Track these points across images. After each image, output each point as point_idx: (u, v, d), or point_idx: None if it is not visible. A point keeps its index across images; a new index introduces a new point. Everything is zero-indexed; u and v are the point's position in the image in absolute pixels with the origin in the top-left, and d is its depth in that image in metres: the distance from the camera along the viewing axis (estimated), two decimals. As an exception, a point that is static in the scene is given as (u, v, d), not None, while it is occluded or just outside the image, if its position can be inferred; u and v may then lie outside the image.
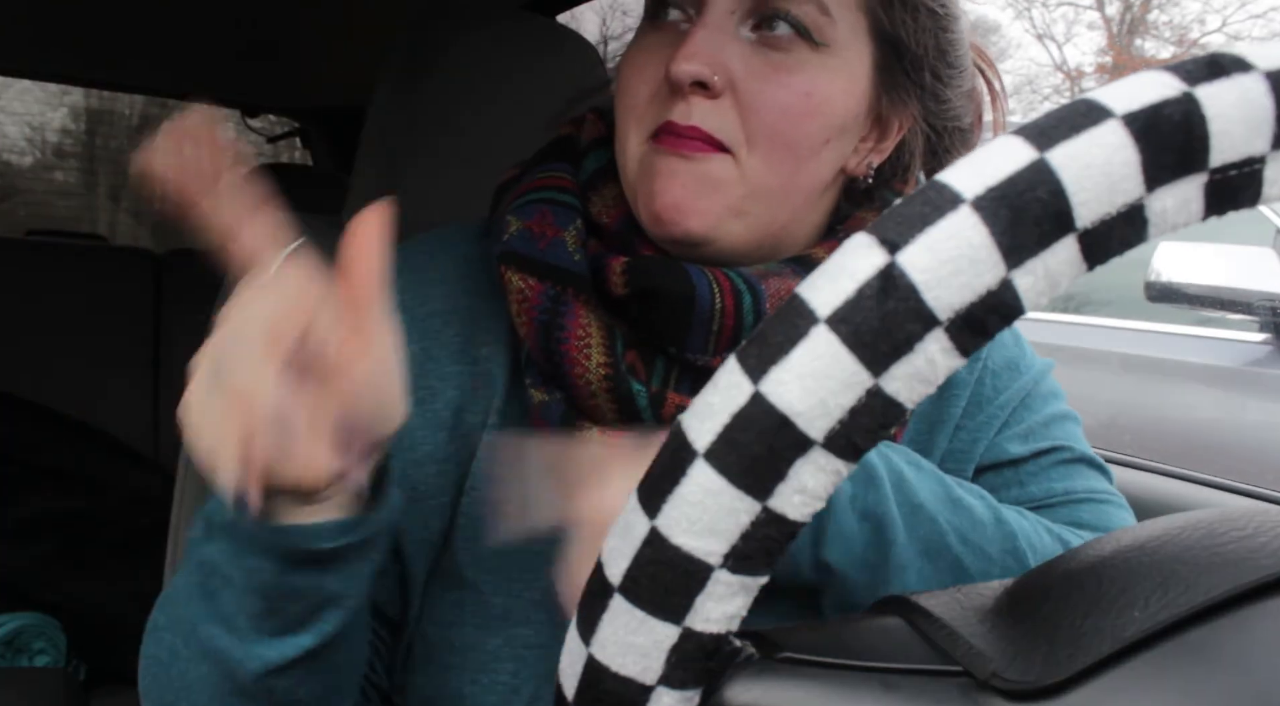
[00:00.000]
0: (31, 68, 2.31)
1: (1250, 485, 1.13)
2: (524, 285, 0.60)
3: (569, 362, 0.59)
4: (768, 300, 0.60)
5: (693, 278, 0.59)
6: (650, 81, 0.59)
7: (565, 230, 0.61)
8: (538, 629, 0.61)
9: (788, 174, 0.60)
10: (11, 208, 4.54)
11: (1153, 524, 0.36)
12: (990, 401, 0.71)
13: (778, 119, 0.58)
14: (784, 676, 0.32)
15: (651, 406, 0.59)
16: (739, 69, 0.58)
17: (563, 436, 0.60)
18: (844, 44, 0.59)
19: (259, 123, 2.58)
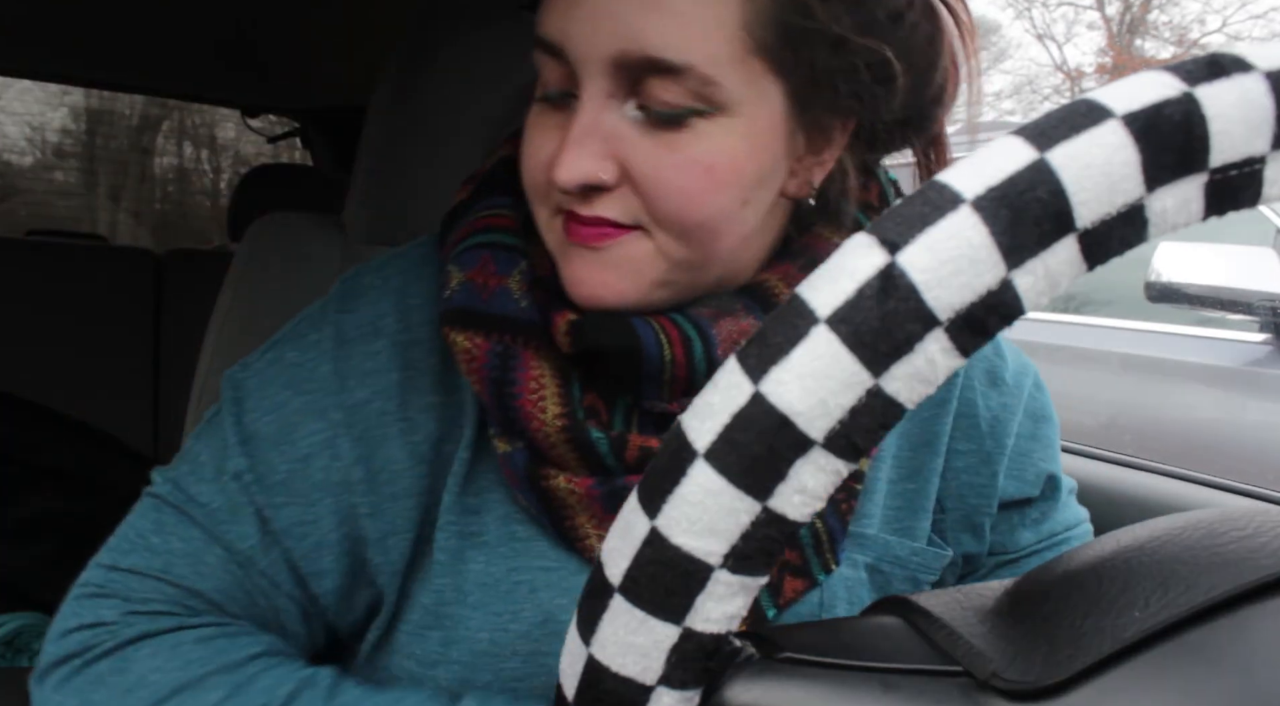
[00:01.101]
0: (31, 68, 2.31)
1: (1250, 485, 1.13)
2: (470, 345, 0.58)
3: (525, 417, 0.57)
4: (719, 346, 0.58)
5: (639, 332, 0.57)
6: (543, 166, 0.56)
7: (509, 277, 0.59)
8: (525, 661, 0.60)
9: (705, 244, 0.57)
10: (11, 208, 4.54)
11: (1153, 524, 0.36)
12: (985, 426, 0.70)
13: (682, 203, 0.54)
14: (784, 676, 0.32)
15: (613, 451, 0.58)
16: (631, 154, 0.54)
17: (528, 484, 0.59)
18: (741, 99, 0.54)
19: (259, 123, 2.58)
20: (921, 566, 0.67)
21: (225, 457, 0.61)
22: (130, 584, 0.59)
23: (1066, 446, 1.30)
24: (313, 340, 0.63)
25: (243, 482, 0.60)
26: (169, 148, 5.12)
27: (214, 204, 4.95)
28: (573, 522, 0.59)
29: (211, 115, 4.90)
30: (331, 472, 0.60)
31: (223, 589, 0.60)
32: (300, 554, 0.60)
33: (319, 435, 0.60)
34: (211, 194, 5.11)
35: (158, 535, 0.60)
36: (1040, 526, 0.72)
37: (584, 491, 0.58)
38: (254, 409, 0.62)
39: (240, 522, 0.60)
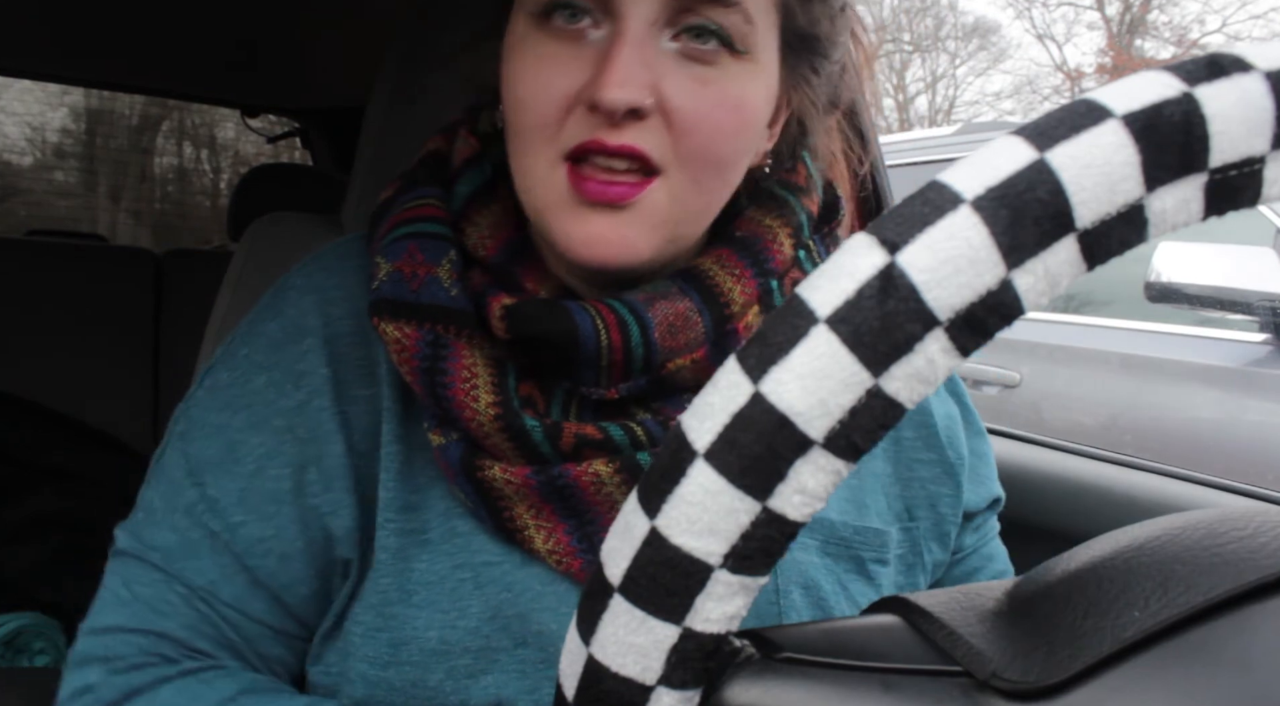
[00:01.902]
0: (31, 68, 2.31)
1: (1250, 485, 1.13)
2: (400, 334, 0.57)
3: (458, 407, 0.57)
4: (655, 329, 0.57)
5: (575, 318, 0.56)
6: (558, 97, 0.54)
7: (438, 265, 0.58)
8: (476, 657, 0.59)
9: (714, 189, 0.58)
10: (11, 208, 4.54)
11: (1153, 524, 0.36)
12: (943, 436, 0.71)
13: (711, 138, 0.55)
14: (784, 676, 0.32)
15: (548, 439, 0.57)
16: (667, 85, 0.54)
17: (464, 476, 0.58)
18: (761, 47, 0.56)
19: (259, 123, 2.58)
20: (864, 544, 0.67)
21: (174, 495, 0.61)
22: (108, 643, 0.59)
23: (1067, 446, 1.30)
24: (243, 355, 0.63)
25: (194, 514, 0.60)
26: (169, 148, 5.12)
27: (214, 204, 4.95)
28: (510, 514, 0.59)
29: (211, 115, 4.90)
30: (283, 480, 0.60)
31: (190, 626, 0.60)
32: (267, 572, 0.60)
33: (264, 446, 0.60)
34: (211, 194, 5.11)
35: (125, 588, 0.61)
36: (979, 530, 0.76)
37: (520, 481, 0.58)
38: (196, 438, 0.62)
39: (197, 557, 0.60)
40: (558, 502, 0.58)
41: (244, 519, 0.60)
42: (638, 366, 0.58)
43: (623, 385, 0.59)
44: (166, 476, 0.62)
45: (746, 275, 0.61)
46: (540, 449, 0.57)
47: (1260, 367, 2.58)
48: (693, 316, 0.58)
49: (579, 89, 0.54)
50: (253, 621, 0.60)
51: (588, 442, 0.58)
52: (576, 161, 0.55)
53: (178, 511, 0.61)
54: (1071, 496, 1.20)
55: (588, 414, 0.60)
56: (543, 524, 0.59)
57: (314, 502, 0.60)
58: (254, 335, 0.63)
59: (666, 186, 0.55)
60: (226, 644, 0.60)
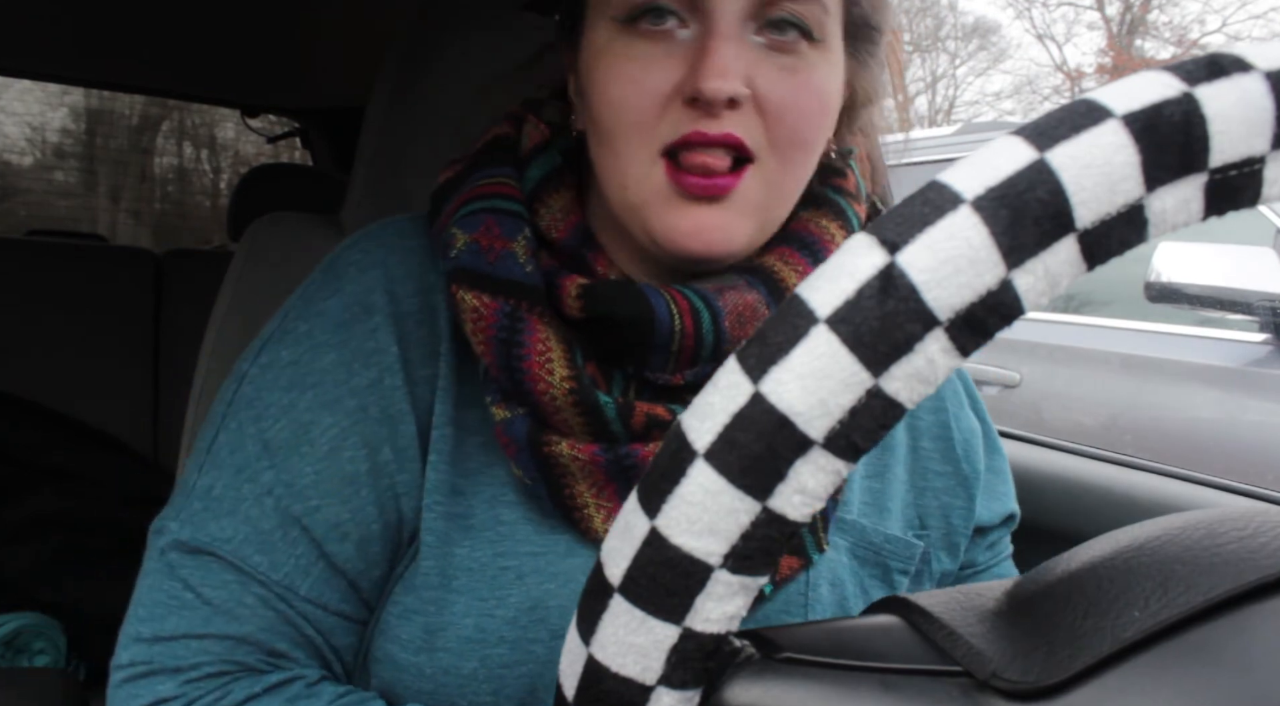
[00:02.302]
0: (31, 68, 2.31)
1: (1250, 485, 1.13)
2: (478, 303, 0.57)
3: (532, 379, 0.57)
4: (726, 317, 0.59)
5: (651, 301, 0.57)
6: (654, 95, 0.56)
7: (514, 241, 0.59)
8: (512, 647, 0.59)
9: (801, 175, 0.60)
10: (11, 208, 4.54)
11: (1153, 524, 0.36)
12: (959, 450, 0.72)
13: (797, 121, 0.57)
14: (784, 676, 0.32)
15: (620, 417, 0.58)
16: (758, 75, 0.56)
17: (529, 451, 0.58)
18: (834, 36, 0.59)
19: (259, 123, 2.58)
20: (894, 554, 0.68)
21: (241, 481, 0.59)
22: (176, 651, 0.57)
23: (1067, 446, 1.30)
24: (303, 332, 0.61)
25: (267, 501, 0.58)
26: (169, 148, 5.12)
27: (214, 204, 4.95)
28: (571, 490, 0.59)
29: (211, 115, 4.90)
30: (359, 462, 0.59)
31: (269, 627, 0.58)
32: (345, 557, 0.59)
33: (337, 426, 0.59)
34: (211, 194, 5.11)
35: (188, 590, 0.58)
36: (994, 548, 0.77)
37: (588, 458, 0.58)
38: (262, 417, 0.60)
39: (272, 548, 0.58)
40: (621, 482, 0.59)
41: (320, 502, 0.58)
42: (706, 354, 0.59)
43: (689, 371, 0.60)
44: (228, 462, 0.59)
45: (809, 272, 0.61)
46: (611, 426, 0.58)
47: (1260, 367, 2.58)
48: (760, 308, 0.60)
49: (675, 85, 0.56)
50: (330, 613, 0.59)
51: (657, 423, 0.59)
52: (672, 155, 0.56)
53: (246, 499, 0.58)
54: (1071, 496, 1.20)
55: (647, 397, 0.61)
56: (603, 503, 0.59)
57: (388, 483, 0.59)
58: (314, 312, 0.62)
59: (760, 173, 0.57)
60: (304, 641, 0.59)
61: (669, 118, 0.56)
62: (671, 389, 0.61)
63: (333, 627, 0.60)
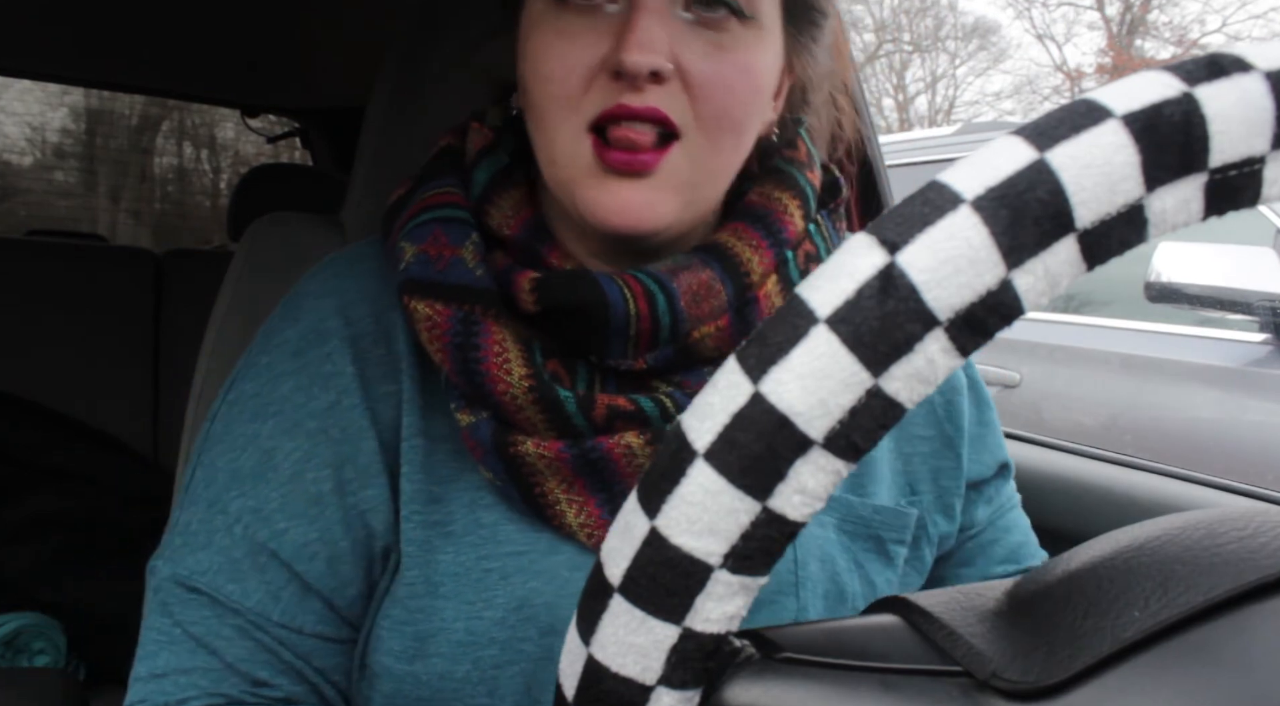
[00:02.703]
0: (31, 68, 2.31)
1: (1250, 485, 1.13)
2: (431, 312, 0.58)
3: (491, 381, 0.57)
4: (681, 297, 0.59)
5: (604, 288, 0.58)
6: (580, 69, 0.56)
7: (461, 247, 0.60)
8: (503, 647, 0.60)
9: (729, 152, 0.60)
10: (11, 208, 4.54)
11: (1153, 524, 0.36)
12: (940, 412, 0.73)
13: (724, 99, 0.58)
14: (784, 676, 0.32)
15: (581, 410, 0.58)
16: (684, 51, 0.57)
17: (495, 453, 0.59)
18: (765, 14, 0.60)
19: (259, 123, 2.58)
20: (885, 525, 0.68)
21: (213, 514, 0.60)
22: (166, 688, 0.58)
23: (1067, 446, 1.30)
24: (264, 364, 0.63)
25: (237, 530, 0.59)
26: (169, 148, 5.12)
27: (214, 204, 4.95)
28: (541, 489, 0.59)
29: (211, 115, 4.90)
30: (323, 482, 0.60)
31: (249, 657, 0.59)
32: (316, 575, 0.60)
33: (299, 450, 0.60)
34: (211, 194, 5.11)
35: (175, 627, 0.59)
36: (993, 502, 0.76)
37: (553, 455, 0.58)
38: (226, 452, 0.61)
39: (243, 577, 0.59)
40: (589, 476, 0.59)
41: (287, 525, 0.59)
42: (665, 335, 0.60)
43: (650, 355, 0.61)
44: (201, 496, 0.61)
45: (763, 246, 0.63)
46: (573, 421, 0.58)
47: (1260, 367, 2.58)
48: (715, 285, 0.61)
49: (601, 59, 0.56)
50: (307, 636, 0.60)
51: (619, 414, 0.59)
52: (599, 131, 0.57)
53: (218, 530, 0.60)
54: (1071, 496, 1.20)
55: (612, 388, 0.61)
56: (574, 498, 0.60)
57: (353, 500, 0.60)
58: (273, 344, 0.64)
59: (686, 150, 0.58)
60: (286, 668, 0.60)
61: (595, 91, 0.56)
62: (636, 377, 0.62)
63: (311, 650, 0.60)
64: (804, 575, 0.65)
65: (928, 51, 14.66)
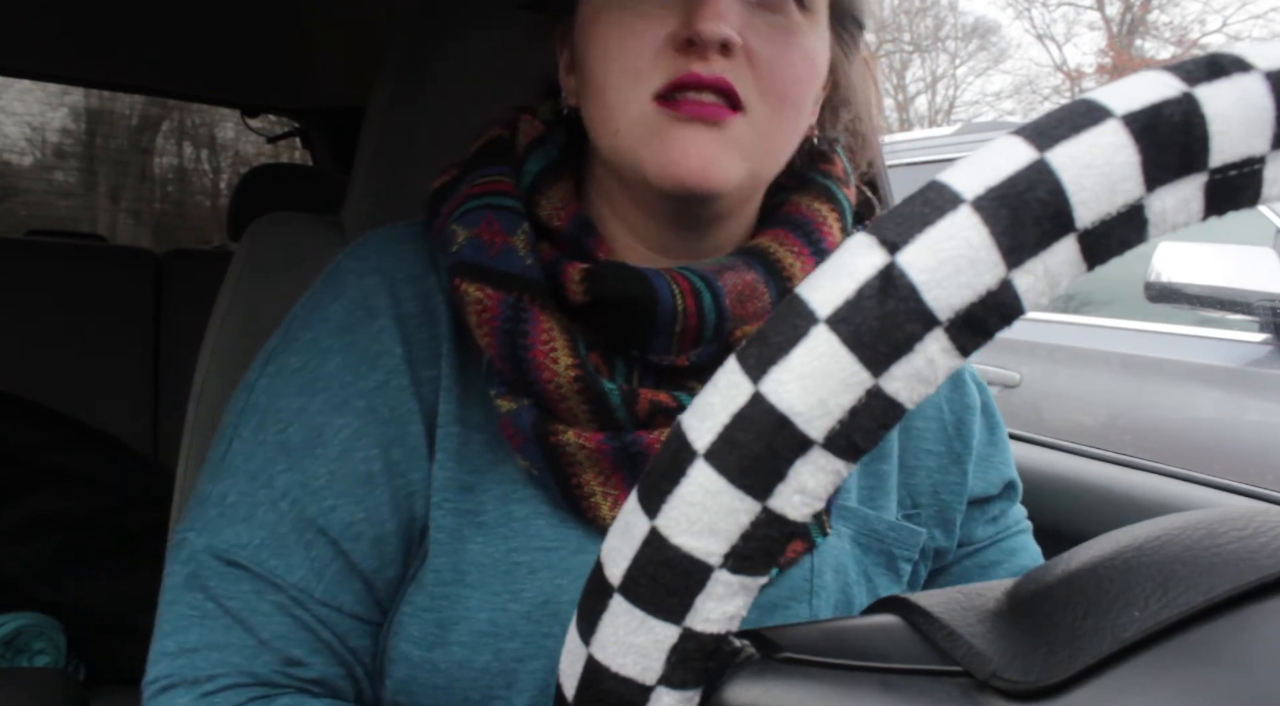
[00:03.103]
0: (31, 68, 2.31)
1: (1250, 485, 1.13)
2: (482, 295, 0.58)
3: (537, 368, 0.58)
4: (726, 296, 0.60)
5: (653, 282, 0.58)
6: (650, 43, 0.58)
7: (513, 235, 0.60)
8: (526, 642, 0.60)
9: (789, 131, 0.62)
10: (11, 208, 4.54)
11: (1153, 524, 0.36)
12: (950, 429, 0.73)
13: (786, 76, 0.59)
14: (784, 676, 0.32)
15: (625, 403, 0.59)
16: (750, 31, 0.58)
17: (536, 442, 0.59)
18: (820, 11, 0.62)
19: (259, 123, 2.58)
20: (897, 541, 0.69)
21: (256, 487, 0.59)
22: (197, 663, 0.57)
23: (1067, 446, 1.30)
24: (309, 339, 0.62)
25: (283, 504, 0.58)
26: (169, 148, 5.12)
27: (214, 204, 4.95)
28: (579, 480, 0.59)
29: (211, 115, 4.90)
30: (372, 462, 0.60)
31: (284, 634, 0.58)
32: (361, 555, 0.59)
33: (349, 428, 0.60)
34: (211, 194, 5.11)
35: (210, 600, 0.58)
36: (998, 522, 0.76)
37: (594, 446, 0.59)
38: (273, 423, 0.60)
39: (288, 552, 0.58)
40: (628, 469, 0.60)
41: (335, 502, 0.59)
42: (709, 333, 0.60)
43: (693, 352, 0.61)
44: (242, 469, 0.60)
45: (804, 253, 0.64)
46: (616, 413, 0.59)
47: (1260, 367, 2.58)
48: (759, 286, 0.62)
49: (669, 34, 0.57)
50: (346, 616, 0.59)
51: (661, 409, 0.60)
52: (664, 100, 0.58)
53: (261, 504, 0.59)
54: (1071, 496, 1.20)
55: (650, 384, 0.62)
56: (610, 491, 0.60)
57: (401, 482, 0.60)
58: (316, 319, 0.63)
59: (751, 122, 0.59)
60: (322, 647, 0.59)
61: (661, 64, 0.57)
62: (676, 374, 0.62)
63: (349, 630, 0.60)
64: (819, 584, 0.65)
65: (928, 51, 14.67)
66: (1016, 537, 0.77)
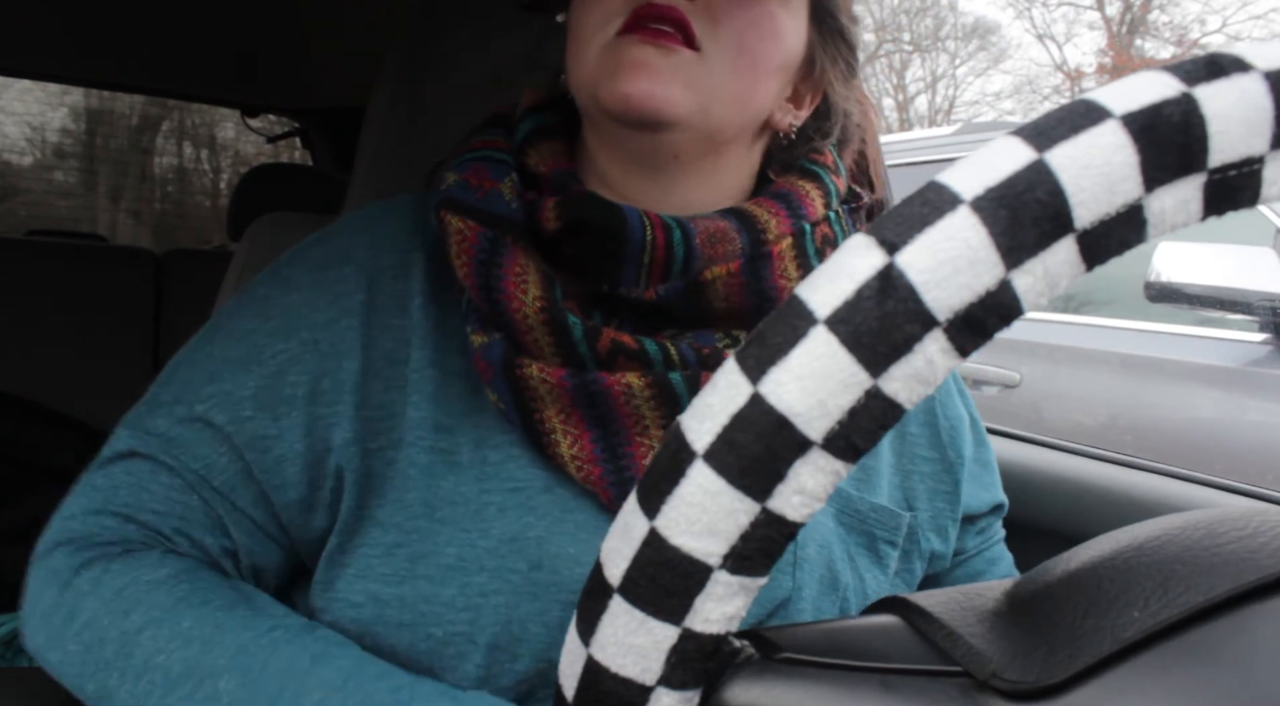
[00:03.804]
0: (31, 68, 2.31)
1: (1250, 485, 1.13)
2: (463, 226, 0.62)
3: (507, 298, 0.60)
4: (697, 236, 0.62)
5: (623, 210, 0.61)
6: None
7: (500, 182, 0.64)
8: (492, 576, 0.61)
9: (747, 83, 0.63)
10: (11, 208, 4.54)
11: (1153, 524, 0.36)
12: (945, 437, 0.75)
13: (744, 29, 0.62)
14: (784, 676, 0.32)
15: (586, 339, 0.61)
16: None
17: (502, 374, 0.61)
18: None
19: (259, 123, 2.58)
20: (879, 523, 0.70)
21: (186, 390, 0.63)
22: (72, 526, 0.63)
23: (1067, 446, 1.30)
24: (285, 275, 0.67)
25: (200, 409, 0.63)
26: (169, 148, 5.12)
27: (214, 204, 4.95)
28: (541, 416, 0.61)
29: (211, 115, 4.90)
30: (299, 387, 0.63)
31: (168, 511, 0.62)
32: (261, 467, 0.62)
33: (288, 353, 0.63)
34: (211, 194, 5.11)
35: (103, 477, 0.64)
36: (984, 534, 0.80)
37: (555, 381, 0.60)
38: (220, 340, 0.65)
39: (194, 446, 0.62)
40: (587, 409, 0.61)
41: (253, 414, 0.62)
42: (677, 268, 0.62)
43: (660, 286, 0.63)
44: (180, 374, 0.65)
45: (781, 215, 0.67)
46: (578, 347, 0.61)
47: (1260, 367, 2.58)
48: (731, 232, 0.64)
49: None
50: (237, 510, 0.63)
51: (622, 350, 0.61)
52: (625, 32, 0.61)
53: (181, 403, 0.63)
54: (1071, 496, 1.20)
55: (626, 326, 0.64)
56: (570, 429, 0.62)
57: (321, 411, 0.62)
58: (297, 259, 0.67)
59: (705, 61, 0.61)
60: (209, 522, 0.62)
61: (627, 8, 0.61)
62: (647, 318, 0.64)
63: (236, 521, 0.63)
64: (802, 556, 0.66)
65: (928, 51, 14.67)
66: (997, 547, 0.81)
